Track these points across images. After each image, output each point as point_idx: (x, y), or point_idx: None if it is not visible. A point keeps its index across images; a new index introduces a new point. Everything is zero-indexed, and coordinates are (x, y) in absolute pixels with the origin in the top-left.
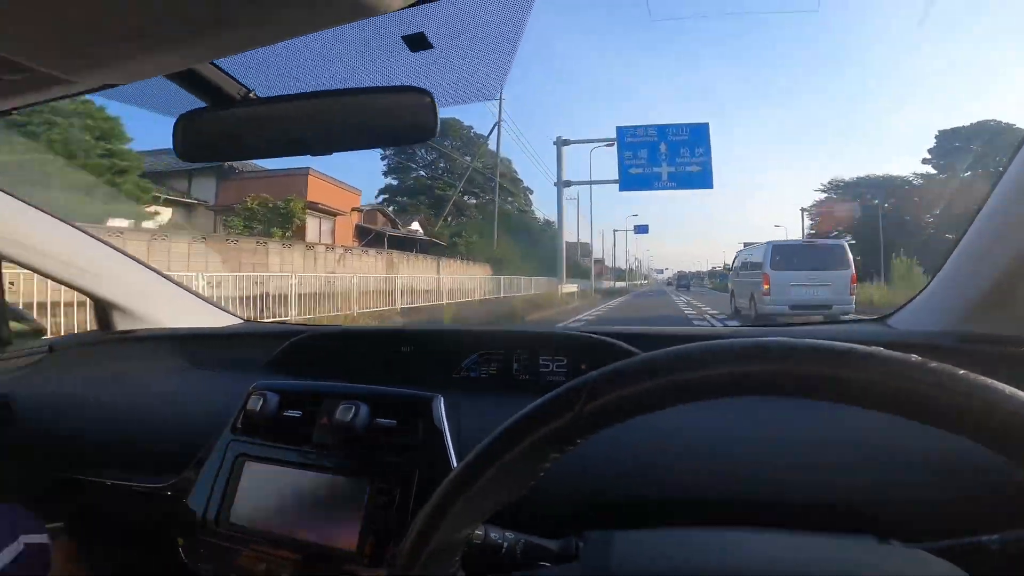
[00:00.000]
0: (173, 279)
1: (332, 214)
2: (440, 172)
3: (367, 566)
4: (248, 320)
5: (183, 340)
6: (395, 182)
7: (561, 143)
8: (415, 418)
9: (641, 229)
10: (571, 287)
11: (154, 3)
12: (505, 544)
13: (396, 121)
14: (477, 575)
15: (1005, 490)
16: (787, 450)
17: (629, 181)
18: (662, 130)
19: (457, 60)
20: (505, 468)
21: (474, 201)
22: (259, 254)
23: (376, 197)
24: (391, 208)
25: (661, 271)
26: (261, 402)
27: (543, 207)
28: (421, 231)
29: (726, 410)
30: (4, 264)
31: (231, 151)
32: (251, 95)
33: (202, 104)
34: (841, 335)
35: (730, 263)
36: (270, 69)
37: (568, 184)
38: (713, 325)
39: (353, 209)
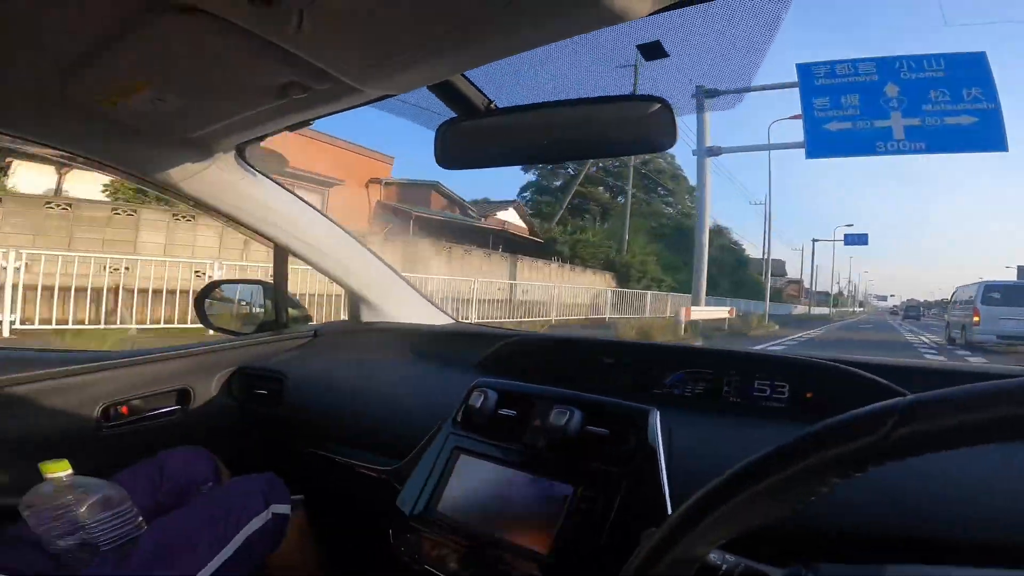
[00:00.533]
0: (403, 276)
1: (317, 182)
2: (592, 168)
3: (556, 570)
4: (458, 321)
5: (412, 335)
6: (533, 177)
7: (703, 95)
8: (628, 429)
9: (856, 239)
10: (715, 311)
11: (431, 14)
12: (724, 566)
13: (633, 130)
14: None
15: None
16: None
17: (823, 141)
18: (888, 66)
19: (693, 69)
20: (776, 486)
21: (622, 199)
22: (120, 227)
23: (518, 195)
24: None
25: (884, 298)
26: (482, 399)
27: (721, 214)
28: (522, 225)
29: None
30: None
31: (479, 159)
32: (492, 106)
33: (454, 115)
34: None
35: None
36: (509, 81)
37: (715, 152)
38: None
39: (371, 181)
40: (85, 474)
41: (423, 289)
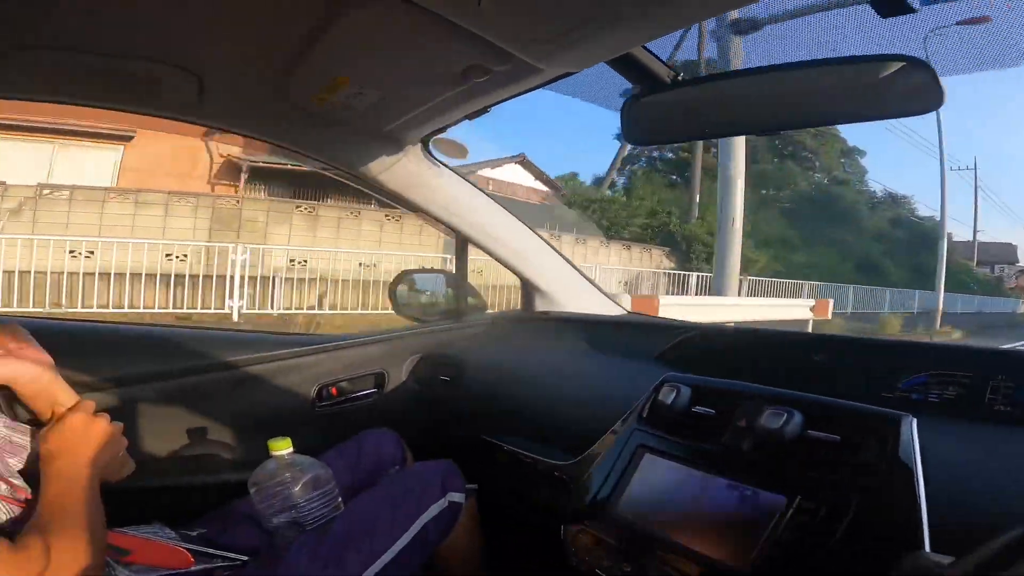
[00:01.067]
0: (575, 265)
1: (100, 136)
2: None
3: None
4: (631, 312)
5: (585, 325)
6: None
7: None
8: (867, 437)
9: None
10: (749, 304)
11: None
12: None
13: (880, 93)
14: None
15: None
16: None
17: None
18: None
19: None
20: None
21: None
22: None
23: (627, 167)
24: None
25: None
26: (674, 395)
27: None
28: (533, 185)
29: None
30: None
31: (667, 134)
32: (679, 77)
33: (636, 91)
34: None
35: None
36: (695, 50)
37: (747, 28)
38: None
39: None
40: (298, 451)
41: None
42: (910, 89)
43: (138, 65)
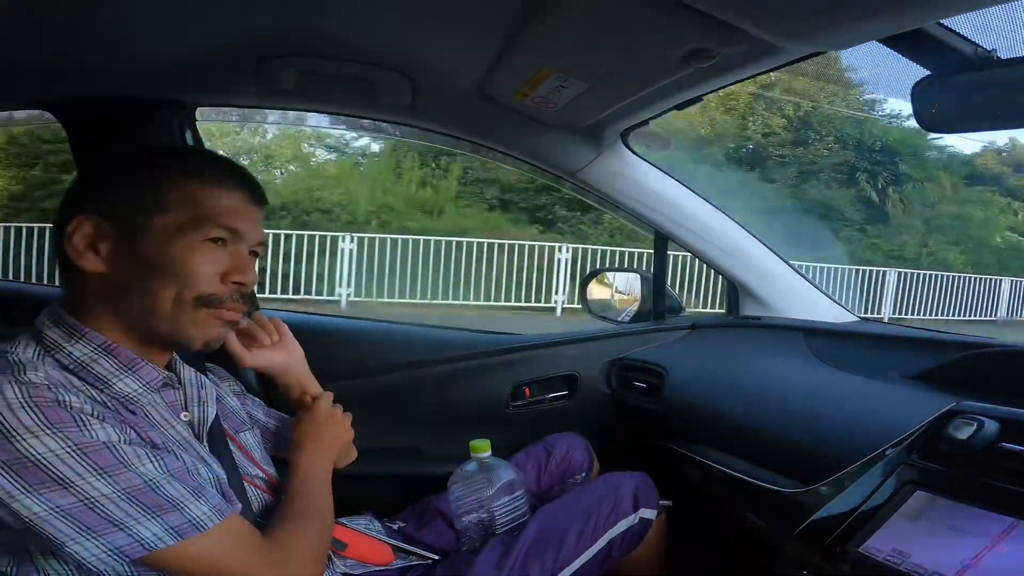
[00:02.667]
0: (793, 266)
1: None
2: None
3: None
4: (864, 318)
5: (807, 332)
6: None
7: None
8: None
9: None
10: None
11: None
12: None
13: None
14: None
15: None
16: None
17: None
18: None
19: None
20: None
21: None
22: None
23: None
24: None
25: None
26: (972, 429)
27: None
28: None
29: None
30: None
31: (985, 120)
32: (993, 56)
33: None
34: None
35: None
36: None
37: None
38: None
39: None
40: (492, 450)
41: None
42: None
43: (362, 69)
